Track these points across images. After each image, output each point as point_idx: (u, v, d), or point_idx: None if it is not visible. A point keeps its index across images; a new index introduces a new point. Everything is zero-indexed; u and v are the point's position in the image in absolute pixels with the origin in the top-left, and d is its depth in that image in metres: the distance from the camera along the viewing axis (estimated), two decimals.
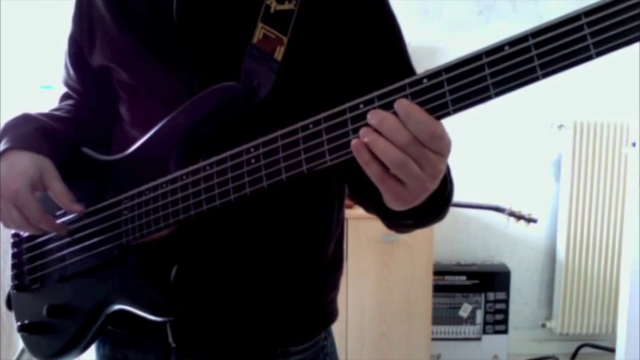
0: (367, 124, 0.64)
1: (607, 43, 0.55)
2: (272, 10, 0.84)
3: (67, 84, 1.08)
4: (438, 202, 0.75)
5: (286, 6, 0.83)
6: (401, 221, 0.83)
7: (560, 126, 3.00)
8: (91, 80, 1.02)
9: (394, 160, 0.62)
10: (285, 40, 0.83)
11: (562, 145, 3.02)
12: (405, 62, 0.90)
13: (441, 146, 0.63)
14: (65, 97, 1.09)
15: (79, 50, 1.00)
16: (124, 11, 0.92)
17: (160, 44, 0.89)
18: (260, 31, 0.83)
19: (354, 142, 0.64)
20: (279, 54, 0.83)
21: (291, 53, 0.83)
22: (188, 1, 0.87)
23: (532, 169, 3.10)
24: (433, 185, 0.66)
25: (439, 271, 2.89)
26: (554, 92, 2.96)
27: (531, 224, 2.54)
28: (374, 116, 0.63)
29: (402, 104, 0.62)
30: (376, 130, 0.63)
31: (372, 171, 0.64)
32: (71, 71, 1.05)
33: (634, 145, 2.30)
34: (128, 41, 0.91)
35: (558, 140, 3.04)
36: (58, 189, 0.89)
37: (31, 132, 0.91)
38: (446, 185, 0.76)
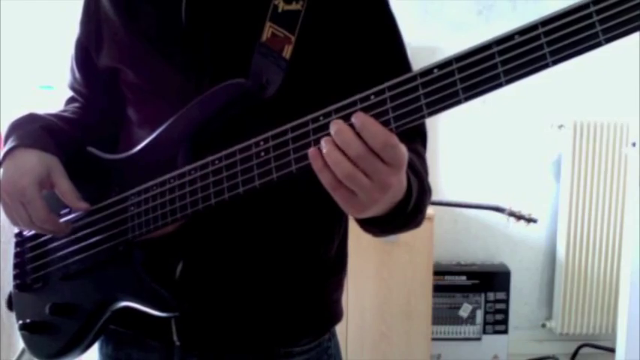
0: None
1: (616, 30, 0.56)
2: (280, 9, 0.85)
3: (72, 88, 1.08)
4: (400, 213, 0.76)
5: (294, 6, 0.85)
6: (367, 228, 0.84)
7: (560, 126, 3.00)
8: (98, 83, 1.02)
9: (343, 171, 0.65)
10: (293, 39, 0.84)
11: (562, 145, 3.03)
12: (405, 62, 0.92)
13: (393, 156, 0.65)
14: (71, 100, 1.09)
15: (86, 53, 1.01)
16: (132, 12, 0.92)
17: (168, 44, 0.90)
18: (268, 30, 0.84)
19: (311, 149, 0.67)
20: (287, 52, 0.84)
21: (299, 52, 0.84)
22: (196, 2, 0.88)
23: (532, 169, 3.10)
24: (383, 197, 0.68)
25: (439, 271, 2.89)
26: (554, 92, 2.97)
27: (531, 224, 2.54)
28: (333, 126, 0.66)
29: (358, 116, 0.65)
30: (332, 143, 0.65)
31: (324, 179, 0.67)
32: (77, 75, 1.05)
33: (634, 145, 2.31)
34: (136, 42, 0.92)
35: (558, 140, 3.05)
36: (64, 186, 0.90)
37: (38, 130, 0.92)
38: (410, 197, 0.76)
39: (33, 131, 0.92)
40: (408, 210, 0.76)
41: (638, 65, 2.22)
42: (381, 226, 0.79)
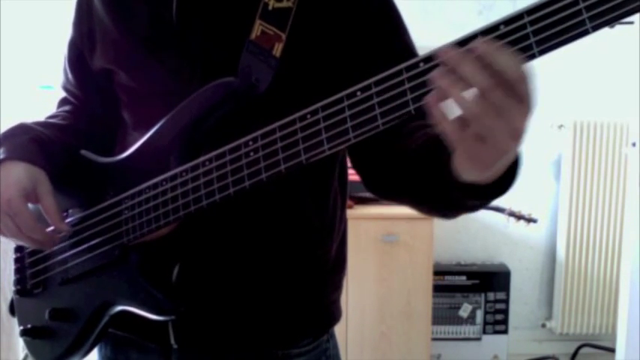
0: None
1: (602, 17, 0.55)
2: (270, 7, 0.84)
3: (65, 89, 1.08)
4: (510, 178, 0.67)
5: (284, 4, 0.84)
6: (465, 201, 0.72)
7: (560, 126, 3.00)
8: (91, 85, 1.02)
9: (474, 109, 0.56)
10: (284, 36, 0.84)
11: (562, 145, 3.02)
12: (409, 53, 0.89)
13: (527, 91, 0.56)
14: (63, 102, 1.08)
15: (79, 55, 1.01)
16: (123, 13, 0.92)
17: (160, 45, 0.90)
18: (258, 28, 0.84)
19: (429, 97, 0.59)
20: (277, 50, 0.83)
21: (290, 50, 0.84)
22: (187, 1, 0.88)
23: (532, 169, 3.10)
24: (514, 146, 0.59)
25: (439, 271, 2.89)
26: (554, 92, 2.96)
27: (531, 224, 2.53)
28: (453, 58, 0.58)
29: (483, 43, 0.57)
30: (451, 74, 0.57)
31: (448, 128, 0.58)
32: (70, 76, 1.05)
33: (634, 145, 2.30)
34: (128, 43, 0.91)
35: (558, 140, 3.04)
36: (48, 203, 0.88)
37: (27, 142, 0.90)
38: (517, 161, 0.68)
39: (22, 143, 0.90)
40: (518, 170, 0.67)
41: (638, 65, 2.21)
42: (488, 196, 0.69)
